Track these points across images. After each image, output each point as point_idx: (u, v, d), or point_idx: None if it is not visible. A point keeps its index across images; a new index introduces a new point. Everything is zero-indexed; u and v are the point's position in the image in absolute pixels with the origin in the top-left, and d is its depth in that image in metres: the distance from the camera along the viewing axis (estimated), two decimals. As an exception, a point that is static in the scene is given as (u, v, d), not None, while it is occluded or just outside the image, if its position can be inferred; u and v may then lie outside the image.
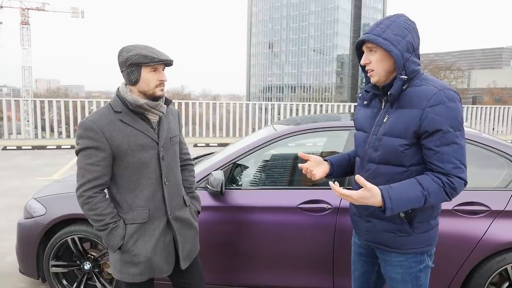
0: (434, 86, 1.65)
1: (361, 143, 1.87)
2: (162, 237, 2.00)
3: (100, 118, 1.88)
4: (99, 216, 1.87)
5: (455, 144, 1.62)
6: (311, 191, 2.76)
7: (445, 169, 1.62)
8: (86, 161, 1.86)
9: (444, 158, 1.62)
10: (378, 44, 1.67)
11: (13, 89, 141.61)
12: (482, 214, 2.52)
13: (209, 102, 13.59)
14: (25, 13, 58.73)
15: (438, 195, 1.63)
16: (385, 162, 1.74)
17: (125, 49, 1.91)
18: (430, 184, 1.62)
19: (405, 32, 1.68)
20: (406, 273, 1.82)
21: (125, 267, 1.96)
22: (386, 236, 1.81)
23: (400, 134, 1.68)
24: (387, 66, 1.72)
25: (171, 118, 2.12)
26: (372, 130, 1.82)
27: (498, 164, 2.68)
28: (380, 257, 1.91)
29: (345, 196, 1.64)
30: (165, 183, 2.00)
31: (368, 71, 1.77)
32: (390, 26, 1.69)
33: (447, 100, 1.61)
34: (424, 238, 1.78)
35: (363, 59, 1.77)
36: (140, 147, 1.92)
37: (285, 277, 2.77)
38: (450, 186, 1.62)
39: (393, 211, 1.62)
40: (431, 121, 1.61)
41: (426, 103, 1.62)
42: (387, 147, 1.72)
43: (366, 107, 1.91)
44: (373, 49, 1.72)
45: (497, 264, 2.51)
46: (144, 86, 1.91)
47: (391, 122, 1.72)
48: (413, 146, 1.68)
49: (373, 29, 1.72)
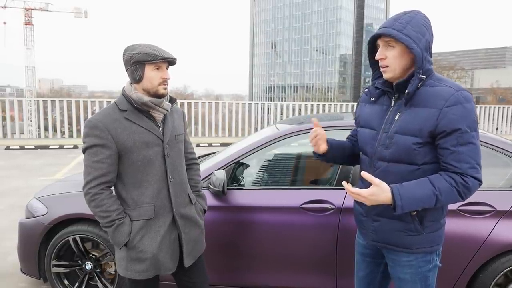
0: (451, 86, 1.64)
1: (370, 141, 1.82)
2: (167, 234, 2.02)
3: (105, 116, 1.92)
4: (105, 213, 1.90)
5: (471, 144, 1.61)
6: (313, 191, 2.74)
7: (461, 168, 1.61)
8: (92, 158, 1.90)
9: (460, 158, 1.60)
10: (400, 40, 1.62)
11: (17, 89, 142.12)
12: (487, 214, 2.49)
13: (212, 102, 13.57)
14: (28, 13, 58.85)
15: (450, 195, 1.61)
16: (396, 160, 1.71)
17: (129, 48, 1.95)
18: (442, 183, 1.61)
19: (424, 30, 1.65)
20: (415, 273, 1.79)
21: (131, 264, 1.99)
22: (395, 236, 1.78)
23: (415, 132, 1.65)
24: (404, 63, 1.68)
25: (176, 117, 2.15)
26: (381, 127, 1.77)
27: (503, 164, 2.65)
28: (388, 257, 1.88)
29: (355, 194, 1.62)
30: (170, 180, 2.03)
31: (382, 66, 1.72)
32: (410, 22, 1.64)
33: (464, 101, 1.60)
34: (433, 237, 1.76)
35: (379, 54, 1.71)
36: (145, 144, 1.95)
37: (287, 277, 2.74)
38: (464, 186, 1.61)
39: (403, 209, 1.61)
40: (449, 121, 1.59)
41: (444, 103, 1.60)
42: (399, 145, 1.69)
43: (372, 103, 1.87)
44: (391, 44, 1.67)
45: (502, 265, 2.48)
46: (148, 84, 1.94)
47: (404, 120, 1.69)
48: (426, 145, 1.66)
49: (392, 24, 1.65)
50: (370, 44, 1.78)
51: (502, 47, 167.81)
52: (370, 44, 1.78)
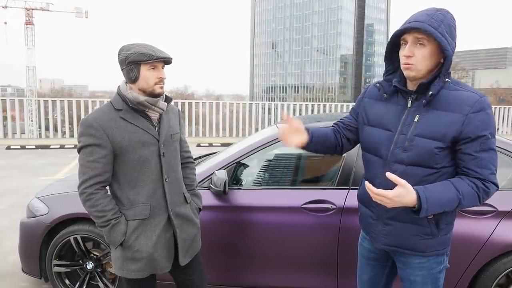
0: (473, 92, 1.62)
1: (384, 142, 1.73)
2: (163, 233, 2.02)
3: (101, 115, 1.91)
4: (101, 213, 1.90)
5: (492, 150, 1.61)
6: (315, 191, 2.74)
7: (483, 174, 1.60)
8: (87, 158, 1.89)
9: (482, 164, 1.59)
10: (437, 39, 1.51)
11: (18, 89, 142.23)
12: (489, 214, 2.49)
13: (212, 102, 13.59)
14: (29, 13, 58.87)
15: (472, 199, 1.60)
16: (416, 163, 1.65)
17: (124, 48, 1.93)
18: (465, 187, 1.59)
19: (454, 32, 1.59)
20: (427, 275, 1.78)
21: (126, 263, 1.98)
22: (410, 240, 1.74)
23: (438, 137, 1.60)
24: (432, 64, 1.60)
25: (172, 116, 2.14)
26: (398, 129, 1.69)
27: (504, 164, 2.64)
28: (398, 260, 1.85)
29: (380, 196, 1.53)
30: (166, 180, 2.03)
31: (406, 63, 1.60)
32: (444, 21, 1.55)
33: (488, 107, 1.60)
34: (445, 239, 1.76)
35: (407, 50, 1.58)
36: (141, 144, 1.94)
37: (288, 277, 2.74)
38: (484, 191, 1.60)
39: (427, 212, 1.55)
40: (474, 127, 1.57)
41: (469, 109, 1.57)
42: (420, 148, 1.63)
43: (385, 102, 1.77)
44: (422, 42, 1.56)
45: (504, 265, 2.48)
46: (144, 83, 1.93)
47: (425, 123, 1.63)
48: (446, 149, 1.63)
49: (427, 19, 1.53)
50: (394, 38, 1.65)
51: (503, 47, 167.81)
52: (394, 38, 1.65)
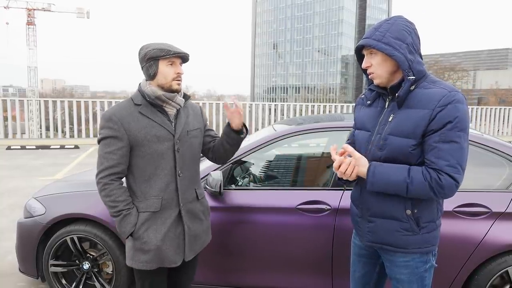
0: (444, 88, 1.66)
1: (364, 142, 1.85)
2: (173, 227, 2.08)
3: (120, 110, 2.01)
4: (114, 203, 1.98)
5: (454, 143, 1.62)
6: (310, 191, 2.75)
7: (438, 164, 1.62)
8: (105, 149, 1.99)
9: (439, 154, 1.62)
10: (380, 49, 1.68)
11: (19, 89, 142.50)
12: (483, 215, 2.49)
13: (213, 103, 13.58)
14: (31, 14, 58.89)
15: (421, 187, 1.64)
16: (390, 161, 1.73)
17: (144, 46, 2.03)
18: (417, 175, 1.64)
19: (405, 35, 1.68)
20: (412, 273, 1.81)
21: (136, 254, 2.05)
22: (391, 236, 1.79)
23: (409, 134, 1.67)
24: (388, 68, 1.73)
25: (191, 113, 2.21)
26: (376, 129, 1.80)
27: (499, 165, 2.65)
28: (384, 258, 1.89)
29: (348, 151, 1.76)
30: (179, 175, 2.08)
31: (369, 73, 1.78)
32: (390, 29, 1.69)
33: (456, 101, 1.62)
34: (429, 237, 1.78)
35: (364, 63, 1.78)
36: (156, 138, 2.01)
37: (283, 278, 2.75)
38: (437, 182, 1.62)
39: (373, 187, 1.71)
40: (438, 120, 1.62)
41: (436, 104, 1.63)
42: (393, 146, 1.71)
43: (368, 106, 1.91)
44: (373, 52, 1.74)
45: (498, 266, 2.48)
46: (162, 79, 2.02)
47: (397, 122, 1.71)
48: (420, 146, 1.68)
49: (373, 34, 1.71)
50: (357, 53, 1.86)
51: (504, 48, 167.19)
52: (356, 53, 1.86)
